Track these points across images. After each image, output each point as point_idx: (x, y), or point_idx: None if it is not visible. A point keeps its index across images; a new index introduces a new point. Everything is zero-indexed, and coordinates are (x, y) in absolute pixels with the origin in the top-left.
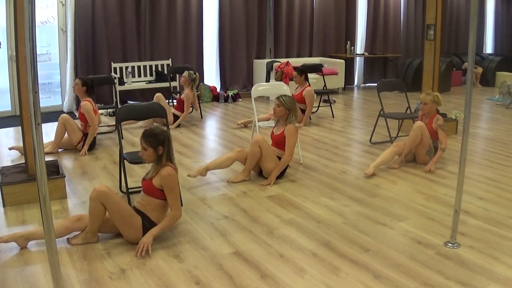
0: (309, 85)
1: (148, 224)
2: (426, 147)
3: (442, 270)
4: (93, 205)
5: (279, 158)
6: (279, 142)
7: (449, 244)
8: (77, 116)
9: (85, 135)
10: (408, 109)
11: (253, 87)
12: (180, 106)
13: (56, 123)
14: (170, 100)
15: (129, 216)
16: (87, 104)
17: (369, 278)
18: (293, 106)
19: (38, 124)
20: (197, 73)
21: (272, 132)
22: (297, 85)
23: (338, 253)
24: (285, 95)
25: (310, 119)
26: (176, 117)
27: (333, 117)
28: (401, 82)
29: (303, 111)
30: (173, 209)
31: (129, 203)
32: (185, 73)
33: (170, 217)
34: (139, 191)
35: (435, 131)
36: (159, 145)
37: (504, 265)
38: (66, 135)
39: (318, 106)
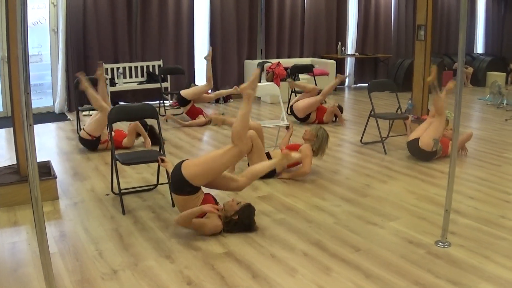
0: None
1: (187, 186)
2: (435, 135)
3: (432, 269)
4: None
5: (268, 156)
6: (292, 148)
7: (440, 243)
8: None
9: (96, 139)
10: (399, 109)
11: None
12: (192, 115)
13: (49, 124)
14: (161, 102)
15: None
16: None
17: (360, 277)
18: (322, 138)
19: (30, 125)
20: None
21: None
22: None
23: (329, 253)
24: (323, 128)
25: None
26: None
27: None
28: (392, 82)
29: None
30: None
31: (122, 204)
32: (218, 112)
33: (193, 210)
34: (130, 192)
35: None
36: (240, 218)
37: (495, 264)
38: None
39: None
